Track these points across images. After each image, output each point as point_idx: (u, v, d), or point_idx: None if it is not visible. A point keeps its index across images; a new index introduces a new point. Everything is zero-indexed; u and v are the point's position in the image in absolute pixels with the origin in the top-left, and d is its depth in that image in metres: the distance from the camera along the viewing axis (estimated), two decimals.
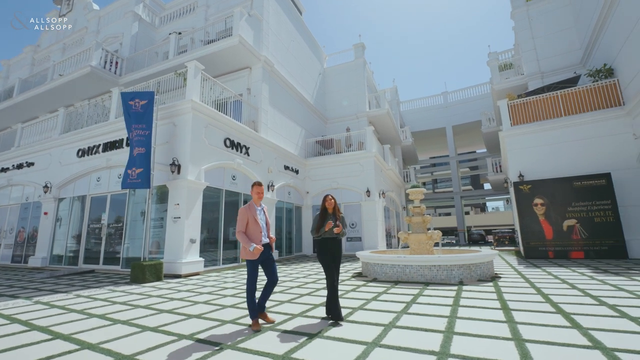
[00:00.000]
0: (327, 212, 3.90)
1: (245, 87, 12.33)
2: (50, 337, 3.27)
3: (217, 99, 10.06)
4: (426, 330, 3.18)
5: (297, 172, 14.52)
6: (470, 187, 44.34)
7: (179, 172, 8.25)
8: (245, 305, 4.58)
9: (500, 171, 20.28)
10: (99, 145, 10.12)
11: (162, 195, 8.69)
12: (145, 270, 6.85)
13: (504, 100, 12.02)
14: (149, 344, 2.98)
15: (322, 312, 4.05)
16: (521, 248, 11.26)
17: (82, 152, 10.46)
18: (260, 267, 3.67)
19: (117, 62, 13.52)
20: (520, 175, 11.09)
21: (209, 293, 5.58)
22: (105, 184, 9.94)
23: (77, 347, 2.95)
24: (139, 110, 7.43)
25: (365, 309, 4.11)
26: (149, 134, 7.44)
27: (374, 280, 6.57)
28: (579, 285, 5.35)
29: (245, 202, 10.79)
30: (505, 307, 4.00)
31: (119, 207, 9.55)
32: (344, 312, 3.94)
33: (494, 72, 16.58)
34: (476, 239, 25.97)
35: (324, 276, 7.39)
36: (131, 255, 8.89)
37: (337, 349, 2.75)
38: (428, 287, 5.53)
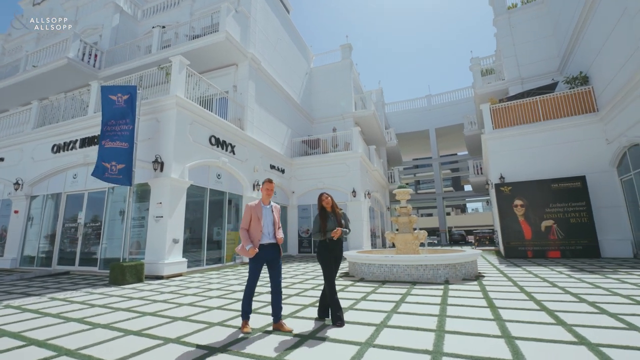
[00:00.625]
0: (326, 211, 3.71)
1: (231, 84, 12.11)
2: (23, 343, 3.06)
3: (202, 95, 9.82)
4: (418, 329, 3.19)
5: (283, 171, 14.40)
6: (451, 188, 45.40)
7: (161, 169, 7.99)
8: (232, 306, 4.47)
9: (481, 173, 20.84)
10: (76, 140, 9.67)
11: (144, 194, 8.39)
12: (125, 271, 6.58)
13: (487, 104, 12.36)
14: (133, 349, 2.84)
15: (312, 312, 3.99)
16: (501, 248, 11.60)
17: (58, 148, 9.96)
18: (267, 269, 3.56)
19: (96, 55, 12.97)
20: (501, 177, 11.43)
21: (194, 294, 5.41)
22: (82, 181, 9.50)
23: (53, 353, 2.77)
24: (122, 106, 7.13)
25: (356, 309, 4.09)
26: (132, 129, 7.15)
27: (362, 280, 6.58)
28: (559, 283, 5.54)
29: (230, 201, 10.60)
30: (492, 306, 4.07)
31: (97, 205, 9.15)
32: (330, 313, 3.90)
33: (477, 76, 17.03)
34: (457, 239, 26.61)
35: (311, 277, 7.34)
36: (110, 256, 8.53)
37: (331, 350, 2.71)
38: (415, 287, 5.58)
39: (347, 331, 3.19)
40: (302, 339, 2.99)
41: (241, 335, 3.17)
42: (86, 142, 9.48)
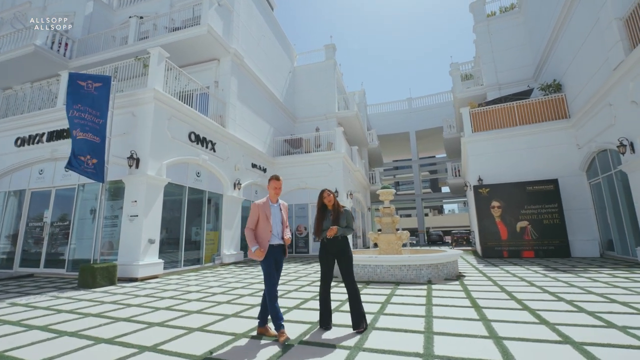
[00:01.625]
0: (326, 209, 3.47)
1: (212, 79, 11.75)
2: None
3: (182, 90, 9.45)
4: (406, 331, 3.15)
5: (264, 170, 14.15)
6: (429, 189, 46.47)
7: (137, 166, 7.60)
8: (213, 310, 4.27)
9: (459, 175, 21.42)
10: (43, 133, 9.04)
11: (117, 191, 7.96)
12: (96, 274, 6.18)
13: (467, 108, 12.68)
14: (104, 359, 2.61)
15: (296, 315, 3.87)
16: (479, 248, 11.92)
17: (22, 141, 9.27)
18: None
19: (67, 44, 12.21)
20: (480, 180, 11.75)
21: (171, 298, 5.15)
22: (50, 177, 8.89)
23: None
24: (92, 92, 6.66)
25: (341, 311, 4.01)
26: (104, 122, 6.73)
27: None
28: (536, 282, 5.71)
29: (209, 200, 10.27)
30: (476, 306, 4.11)
31: (66, 203, 8.59)
32: (318, 315, 3.79)
33: (456, 81, 17.48)
34: (435, 240, 27.22)
35: (293, 277, 7.20)
36: (79, 257, 8.03)
37: (319, 355, 2.60)
38: (399, 287, 5.58)
39: (336, 334, 3.10)
40: (288, 344, 2.87)
41: (224, 342, 3.00)
42: (54, 135, 8.88)
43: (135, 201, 7.44)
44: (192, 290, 5.77)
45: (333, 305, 4.30)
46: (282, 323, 2.99)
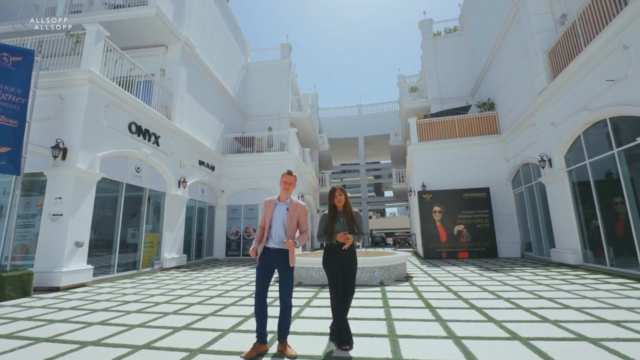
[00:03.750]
0: (337, 210, 3.06)
1: (158, 67, 10.78)
2: None
3: (123, 75, 8.46)
4: (372, 335, 3.15)
5: (213, 168, 13.39)
6: (374, 193, 48.68)
7: (64, 157, 6.59)
8: (159, 323, 3.83)
9: (403, 181, 22.75)
10: None
11: (35, 185, 6.80)
12: (5, 283, 5.16)
13: (414, 119, 13.50)
14: None
15: (252, 324, 3.65)
16: (420, 249, 12.74)
17: None
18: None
19: None
20: (424, 186, 12.58)
21: (105, 310, 4.51)
22: None
23: None
24: (8, 66, 5.58)
25: (302, 317, 3.89)
26: (24, 103, 5.68)
27: (299, 284, 6.40)
28: (475, 282, 6.23)
29: (149, 199, 9.36)
30: (429, 306, 4.31)
31: None
32: (276, 322, 3.62)
33: (404, 92, 18.55)
34: (378, 241, 28.50)
35: (245, 282, 6.86)
36: None
37: None
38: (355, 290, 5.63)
39: (300, 344, 2.97)
40: (252, 358, 2.67)
41: (179, 358, 2.68)
42: None
43: (60, 198, 6.42)
44: (130, 300, 5.14)
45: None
46: (265, 337, 2.76)
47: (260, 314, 2.76)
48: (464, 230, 11.47)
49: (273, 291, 5.04)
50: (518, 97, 10.52)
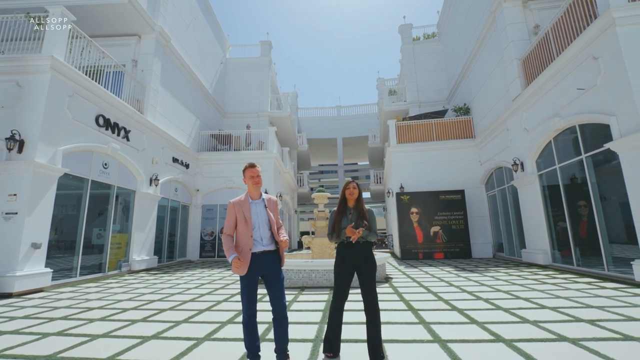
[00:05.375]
0: (347, 205, 2.76)
1: (130, 57, 10.18)
2: None
3: (91, 64, 7.88)
4: (357, 341, 3.05)
5: (187, 166, 12.85)
6: None
7: (20, 150, 6.01)
8: (126, 332, 3.52)
9: (381, 182, 23.02)
10: None
11: None
12: None
13: (393, 121, 13.66)
14: None
15: (229, 331, 3.44)
16: (398, 250, 12.88)
17: None
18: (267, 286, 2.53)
19: None
20: (402, 187, 12.73)
21: (64, 318, 4.11)
22: None
23: None
24: None
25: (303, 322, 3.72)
26: None
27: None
28: (453, 282, 6.31)
29: (117, 197, 8.79)
30: (412, 308, 4.28)
31: None
32: (259, 328, 3.44)
33: (383, 95, 18.78)
34: None
35: (220, 285, 6.57)
36: None
37: None
38: None
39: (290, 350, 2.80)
40: None
41: None
42: None
43: (15, 195, 5.84)
44: (94, 307, 4.73)
45: (268, 316, 3.97)
46: (259, 354, 2.39)
47: (253, 348, 2.34)
48: (440, 232, 11.70)
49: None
50: (493, 102, 10.89)
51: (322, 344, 2.88)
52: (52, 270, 6.29)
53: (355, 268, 2.60)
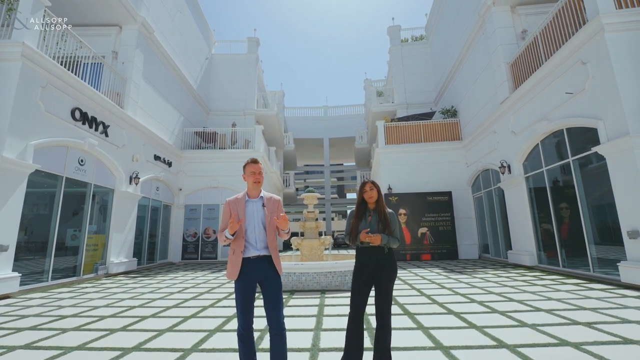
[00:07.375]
0: (367, 207, 2.56)
1: (110, 49, 9.67)
2: None
3: (67, 54, 7.39)
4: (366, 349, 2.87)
5: (170, 164, 12.37)
6: (336, 195, 49.10)
7: None
8: (104, 343, 3.22)
9: None
10: None
11: None
12: None
13: (382, 122, 13.64)
14: None
15: (218, 341, 3.21)
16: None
17: None
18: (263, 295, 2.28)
19: None
20: (390, 188, 12.71)
21: (33, 328, 3.74)
22: None
23: None
24: None
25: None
26: None
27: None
28: (445, 284, 6.26)
29: (94, 196, 8.30)
30: (407, 312, 4.16)
31: None
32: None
33: (371, 96, 18.77)
34: (340, 243, 28.63)
35: (205, 289, 6.27)
36: None
37: None
38: (326, 295, 5.37)
39: None
40: None
41: None
42: None
43: None
44: (67, 314, 4.37)
45: (259, 323, 3.75)
46: None
47: (249, 346, 2.16)
48: (427, 233, 11.75)
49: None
50: (480, 105, 11.02)
51: (319, 354, 2.72)
52: (20, 274, 5.81)
53: (373, 274, 2.41)
